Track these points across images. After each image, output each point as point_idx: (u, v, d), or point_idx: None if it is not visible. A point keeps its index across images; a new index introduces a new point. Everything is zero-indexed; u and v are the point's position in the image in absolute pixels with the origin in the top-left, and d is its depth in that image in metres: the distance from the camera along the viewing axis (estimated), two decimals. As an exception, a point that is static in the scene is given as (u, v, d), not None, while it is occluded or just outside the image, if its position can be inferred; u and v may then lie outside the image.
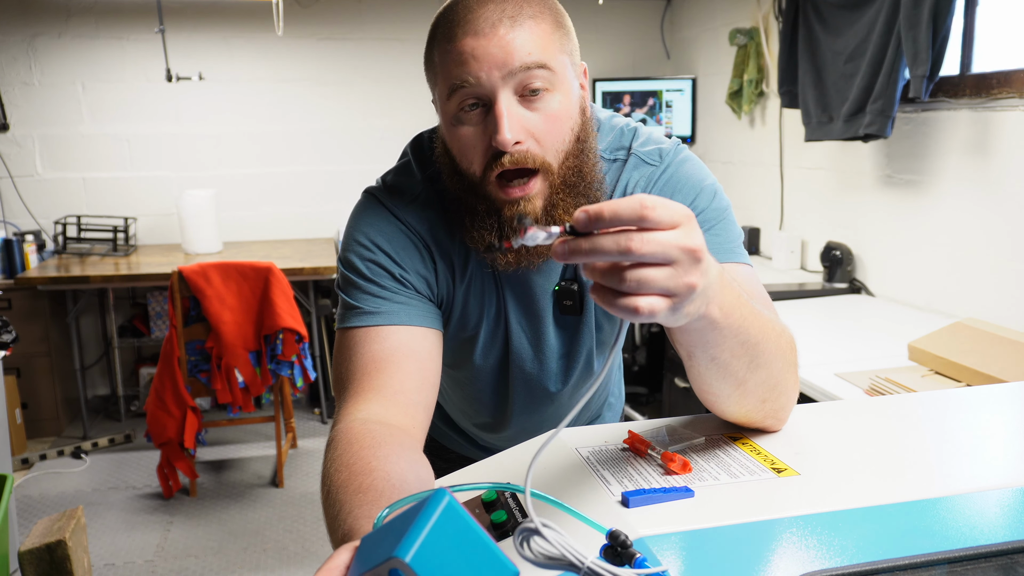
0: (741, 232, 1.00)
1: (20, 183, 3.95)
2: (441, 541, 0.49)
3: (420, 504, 0.52)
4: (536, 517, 0.55)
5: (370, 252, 0.97)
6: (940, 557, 0.62)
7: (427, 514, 0.50)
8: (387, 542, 0.51)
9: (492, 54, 0.84)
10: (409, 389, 0.90)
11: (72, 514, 1.56)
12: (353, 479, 0.74)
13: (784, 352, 0.81)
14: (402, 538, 0.49)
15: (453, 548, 0.50)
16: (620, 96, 4.09)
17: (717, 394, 0.81)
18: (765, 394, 0.81)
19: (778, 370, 0.80)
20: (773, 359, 0.78)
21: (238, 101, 4.13)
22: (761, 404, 0.82)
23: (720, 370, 0.76)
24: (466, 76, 0.85)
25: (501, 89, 0.85)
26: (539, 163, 0.88)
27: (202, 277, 3.00)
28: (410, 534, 0.49)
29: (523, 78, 0.85)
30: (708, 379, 0.78)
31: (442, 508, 0.50)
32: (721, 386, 0.79)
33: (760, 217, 3.67)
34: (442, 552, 0.49)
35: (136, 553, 2.73)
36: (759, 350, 0.75)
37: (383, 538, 0.53)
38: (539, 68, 0.85)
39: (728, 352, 0.73)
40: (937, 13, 2.35)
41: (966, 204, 2.44)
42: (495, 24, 0.84)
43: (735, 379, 0.77)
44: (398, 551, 0.48)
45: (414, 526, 0.49)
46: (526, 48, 0.84)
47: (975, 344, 1.81)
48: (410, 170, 1.02)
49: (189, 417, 3.00)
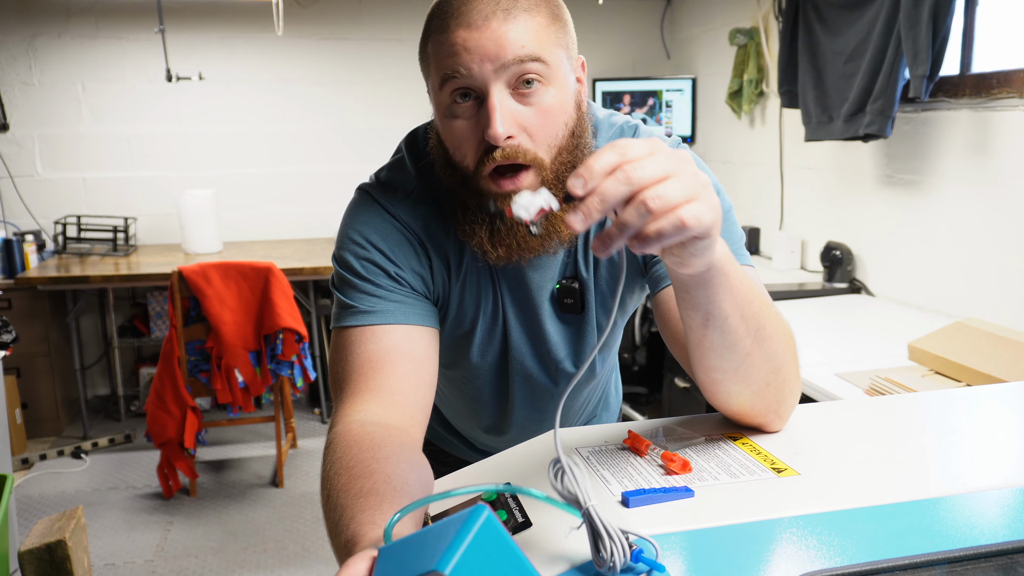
0: (743, 234, 1.00)
1: (20, 183, 3.95)
2: (479, 556, 0.50)
3: (458, 518, 0.52)
4: (565, 457, 0.61)
5: (365, 250, 0.96)
6: (940, 557, 0.62)
7: (466, 528, 0.51)
8: (422, 555, 0.51)
9: (484, 46, 0.83)
10: (406, 389, 0.90)
11: (72, 514, 1.55)
12: (353, 483, 0.74)
13: (787, 336, 0.83)
14: (442, 552, 0.50)
15: (490, 563, 0.50)
16: (620, 96, 4.09)
17: (724, 370, 0.80)
18: (769, 376, 0.81)
19: (781, 351, 0.81)
20: (776, 335, 0.80)
21: (238, 101, 4.13)
22: (765, 388, 0.82)
23: (728, 338, 0.77)
24: (458, 67, 0.85)
25: (493, 82, 0.84)
26: (530, 158, 0.87)
27: (202, 277, 3.00)
28: (450, 548, 0.49)
29: (516, 71, 0.84)
30: (716, 352, 0.78)
31: (481, 522, 0.51)
32: (728, 360, 0.79)
33: (760, 217, 3.67)
34: (479, 567, 0.50)
35: (136, 553, 2.73)
36: (763, 319, 0.78)
37: (413, 550, 0.53)
38: (532, 61, 0.84)
39: (736, 313, 0.75)
40: (937, 13, 2.35)
41: (966, 204, 2.44)
42: (488, 16, 0.84)
43: (742, 351, 0.78)
44: (438, 564, 0.49)
45: (453, 540, 0.50)
46: (519, 41, 0.84)
47: (975, 344, 1.81)
48: (404, 166, 1.02)
49: (189, 417, 3.00)
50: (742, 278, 0.76)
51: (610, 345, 1.18)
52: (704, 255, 0.67)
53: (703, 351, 0.79)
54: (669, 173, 0.62)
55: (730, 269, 0.74)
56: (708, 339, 0.77)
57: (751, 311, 0.77)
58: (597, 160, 0.61)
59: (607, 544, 0.58)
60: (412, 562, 0.52)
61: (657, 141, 0.64)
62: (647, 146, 0.63)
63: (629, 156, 0.62)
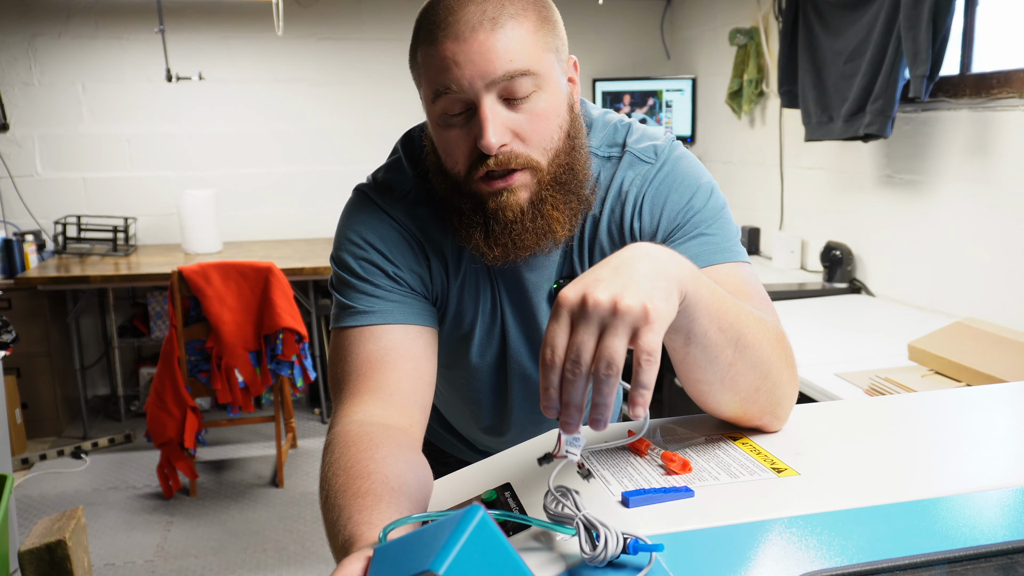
0: (738, 229, 1.00)
1: (20, 183, 3.95)
2: (473, 556, 0.50)
3: (453, 518, 0.52)
4: (553, 484, 0.66)
5: (363, 250, 0.96)
6: (940, 557, 0.62)
7: (461, 528, 0.50)
8: (417, 554, 0.51)
9: (473, 61, 0.83)
10: (406, 389, 0.90)
11: (72, 514, 1.56)
12: (352, 483, 0.74)
13: (773, 338, 0.81)
14: (436, 552, 0.49)
15: (484, 563, 0.50)
16: (620, 96, 4.09)
17: (710, 382, 0.79)
18: (757, 382, 0.80)
19: (767, 355, 0.80)
20: (759, 342, 0.79)
21: (238, 101, 4.13)
22: (754, 394, 0.81)
23: (710, 351, 0.75)
24: (449, 83, 0.84)
25: (484, 95, 0.84)
26: (523, 162, 0.87)
27: (202, 277, 3.00)
28: (444, 548, 0.49)
29: (506, 85, 0.84)
30: (700, 366, 0.77)
31: (475, 523, 0.51)
32: (712, 372, 0.78)
33: (760, 217, 3.67)
34: (474, 567, 0.50)
35: (136, 553, 2.73)
36: (741, 328, 0.77)
37: (407, 550, 0.53)
38: (522, 76, 0.84)
39: (714, 326, 0.74)
40: (937, 13, 2.35)
41: (966, 204, 2.44)
42: (475, 27, 0.83)
43: (724, 361, 0.77)
44: (432, 564, 0.48)
45: (448, 540, 0.50)
46: (508, 55, 0.83)
47: (975, 344, 1.81)
48: (401, 167, 1.02)
49: (189, 417, 3.01)
50: (713, 290, 0.75)
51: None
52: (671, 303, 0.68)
53: (688, 366, 0.79)
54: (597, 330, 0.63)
55: (701, 288, 0.72)
56: (691, 356, 0.77)
57: (727, 321, 0.75)
58: (548, 385, 0.64)
59: (602, 534, 0.59)
60: (407, 562, 0.52)
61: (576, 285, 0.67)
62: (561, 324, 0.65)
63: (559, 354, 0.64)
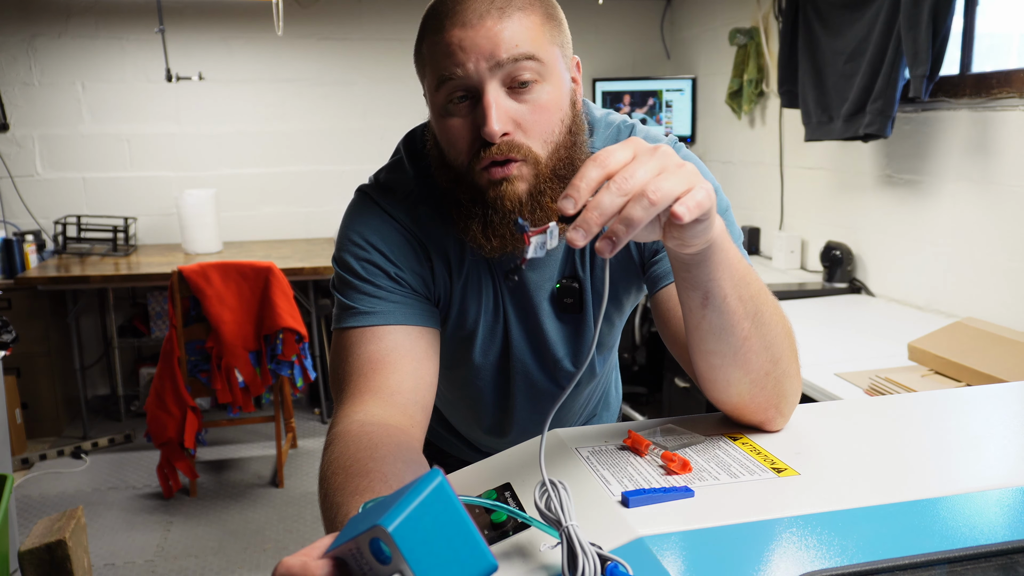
0: (741, 232, 1.00)
1: (20, 183, 3.95)
2: (427, 519, 0.49)
3: (412, 482, 0.51)
4: (547, 476, 0.63)
5: (365, 251, 0.96)
6: (940, 557, 0.62)
7: (417, 490, 0.50)
8: (375, 515, 0.51)
9: (479, 45, 0.84)
10: (407, 389, 0.90)
11: (72, 514, 1.56)
12: (350, 481, 0.74)
13: (786, 328, 0.83)
14: (388, 510, 0.49)
15: (438, 529, 0.49)
16: (620, 96, 4.09)
17: (723, 354, 0.81)
18: (768, 365, 0.81)
19: (780, 340, 0.82)
20: (775, 323, 0.81)
21: (238, 101, 4.13)
22: (764, 378, 0.82)
23: (726, 318, 0.77)
24: (454, 68, 0.85)
25: (489, 80, 0.85)
26: (524, 152, 0.87)
27: (202, 277, 3.00)
28: (397, 507, 0.49)
29: (511, 69, 0.85)
30: (714, 334, 0.79)
31: (433, 487, 0.50)
32: (726, 343, 0.79)
33: (760, 217, 3.67)
34: (426, 530, 0.49)
35: (136, 553, 2.73)
36: (760, 303, 0.79)
37: (369, 514, 0.53)
38: (527, 60, 0.85)
39: (734, 293, 0.76)
40: (937, 13, 2.35)
41: (966, 204, 2.44)
42: (483, 15, 0.84)
43: (740, 333, 0.79)
44: (383, 520, 0.48)
45: (402, 500, 0.49)
46: (514, 40, 0.84)
47: (975, 344, 1.81)
48: (403, 167, 1.02)
49: (189, 417, 3.00)
50: (739, 258, 0.78)
51: (609, 345, 1.18)
52: (704, 234, 0.69)
53: (701, 334, 0.80)
54: (657, 171, 0.63)
55: (728, 246, 0.76)
56: (707, 320, 0.78)
57: (748, 292, 0.78)
58: (583, 178, 0.63)
59: (579, 561, 0.59)
60: (364, 522, 0.51)
61: (636, 140, 0.66)
62: (627, 150, 0.64)
63: (611, 167, 0.63)
